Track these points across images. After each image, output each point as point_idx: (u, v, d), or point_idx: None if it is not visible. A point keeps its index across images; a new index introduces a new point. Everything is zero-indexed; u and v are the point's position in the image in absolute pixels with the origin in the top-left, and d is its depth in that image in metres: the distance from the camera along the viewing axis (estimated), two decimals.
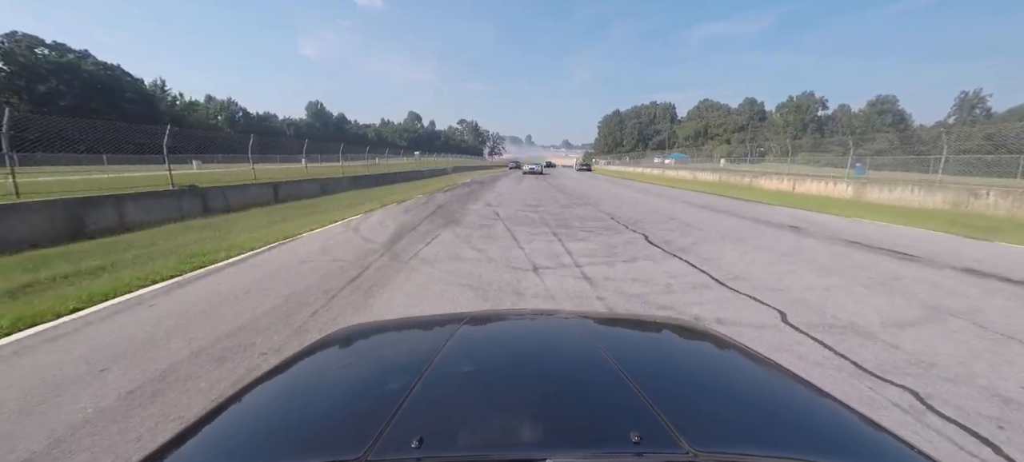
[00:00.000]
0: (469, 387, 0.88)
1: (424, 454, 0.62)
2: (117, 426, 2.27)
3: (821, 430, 0.82)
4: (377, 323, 1.56)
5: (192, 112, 76.41)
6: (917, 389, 2.68)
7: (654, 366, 1.07)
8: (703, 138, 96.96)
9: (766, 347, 3.23)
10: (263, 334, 3.49)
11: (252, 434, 0.81)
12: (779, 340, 3.44)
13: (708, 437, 0.68)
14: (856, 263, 6.04)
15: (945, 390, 2.67)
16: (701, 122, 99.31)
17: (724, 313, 4.01)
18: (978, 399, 2.56)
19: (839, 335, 3.53)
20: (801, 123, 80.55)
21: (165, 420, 2.33)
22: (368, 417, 0.75)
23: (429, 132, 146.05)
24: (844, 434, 0.81)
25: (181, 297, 4.42)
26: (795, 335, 3.54)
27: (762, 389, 1.01)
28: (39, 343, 3.31)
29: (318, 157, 48.50)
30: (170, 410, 2.42)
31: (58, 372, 2.84)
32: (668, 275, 5.35)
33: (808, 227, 9.20)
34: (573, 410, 0.78)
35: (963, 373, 2.89)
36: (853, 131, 72.35)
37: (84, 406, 2.44)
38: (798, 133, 77.92)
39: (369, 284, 4.89)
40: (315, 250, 6.62)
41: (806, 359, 3.10)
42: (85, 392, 2.59)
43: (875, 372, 2.89)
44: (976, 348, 3.30)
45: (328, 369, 1.13)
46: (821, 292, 4.69)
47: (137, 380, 2.73)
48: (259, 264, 5.76)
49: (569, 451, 0.63)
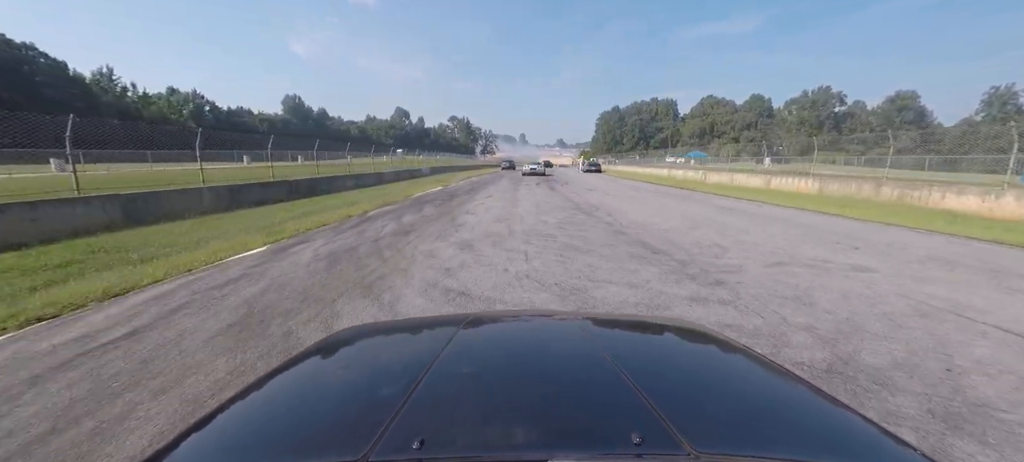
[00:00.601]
0: (470, 388, 0.87)
1: (425, 455, 0.62)
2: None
3: (822, 431, 0.81)
4: (378, 324, 1.68)
5: (147, 106, 68.73)
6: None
7: (655, 367, 1.06)
8: (709, 136, 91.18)
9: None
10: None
11: (253, 435, 0.80)
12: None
13: (709, 438, 0.67)
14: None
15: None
16: (706, 119, 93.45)
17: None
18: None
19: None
20: (817, 119, 74.77)
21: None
22: (369, 418, 0.74)
23: (418, 129, 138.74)
24: (845, 435, 0.80)
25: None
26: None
27: (763, 390, 0.99)
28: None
29: (294, 155, 41.83)
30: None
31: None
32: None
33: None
34: (574, 411, 0.78)
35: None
36: (871, 128, 66.85)
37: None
38: (813, 130, 72.30)
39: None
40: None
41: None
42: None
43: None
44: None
45: (329, 370, 1.12)
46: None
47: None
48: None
49: (570, 452, 0.62)
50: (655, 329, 1.51)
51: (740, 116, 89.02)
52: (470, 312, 2.50)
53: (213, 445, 0.77)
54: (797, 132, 73.45)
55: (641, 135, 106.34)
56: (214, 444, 0.78)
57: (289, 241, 7.30)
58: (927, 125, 67.17)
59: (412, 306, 4.08)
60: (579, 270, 5.32)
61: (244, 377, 2.74)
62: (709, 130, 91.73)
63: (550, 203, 15.36)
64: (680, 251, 6.44)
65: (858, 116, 73.72)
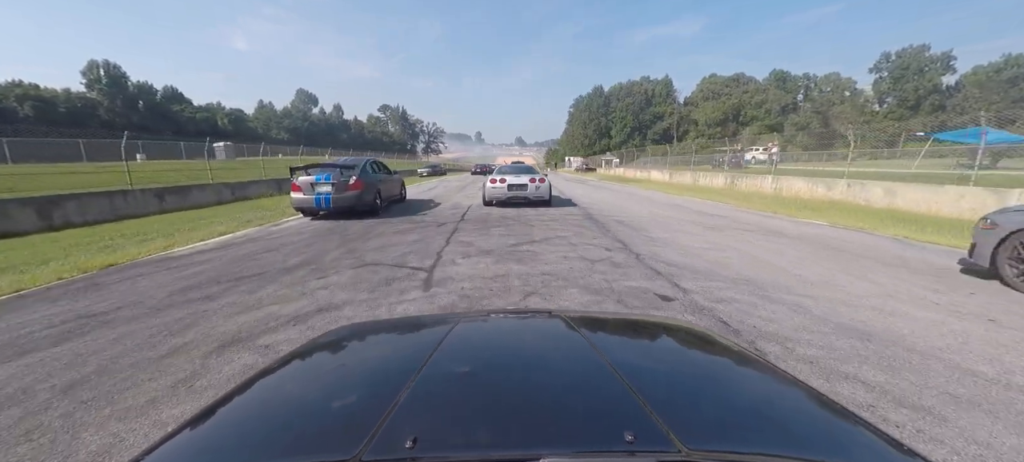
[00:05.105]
0: (463, 386, 0.86)
1: (418, 454, 0.61)
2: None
3: (814, 429, 0.81)
4: (371, 323, 1.61)
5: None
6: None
7: (648, 365, 1.04)
8: (733, 123, 68.52)
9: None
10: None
11: (245, 433, 0.79)
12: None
13: (701, 436, 0.67)
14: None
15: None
16: (727, 102, 70.64)
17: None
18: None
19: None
20: (914, 95, 53.45)
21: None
22: (362, 417, 0.74)
23: (332, 121, 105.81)
24: (837, 433, 0.81)
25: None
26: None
27: (755, 388, 0.97)
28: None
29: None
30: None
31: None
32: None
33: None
34: (567, 410, 0.78)
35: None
36: (988, 106, 46.14)
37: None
38: (903, 112, 50.86)
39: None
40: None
41: None
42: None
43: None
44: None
45: (322, 369, 1.10)
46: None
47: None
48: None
49: (563, 450, 0.62)
50: (648, 328, 1.48)
51: (775, 96, 66.92)
52: (463, 311, 2.69)
53: (206, 444, 0.76)
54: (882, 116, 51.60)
55: (636, 125, 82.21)
56: (207, 443, 0.77)
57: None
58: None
59: None
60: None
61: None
62: (733, 116, 69.05)
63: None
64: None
65: (968, 91, 52.54)
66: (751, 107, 68.62)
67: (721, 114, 70.22)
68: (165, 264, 5.58)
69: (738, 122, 69.39)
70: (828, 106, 58.14)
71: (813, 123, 54.78)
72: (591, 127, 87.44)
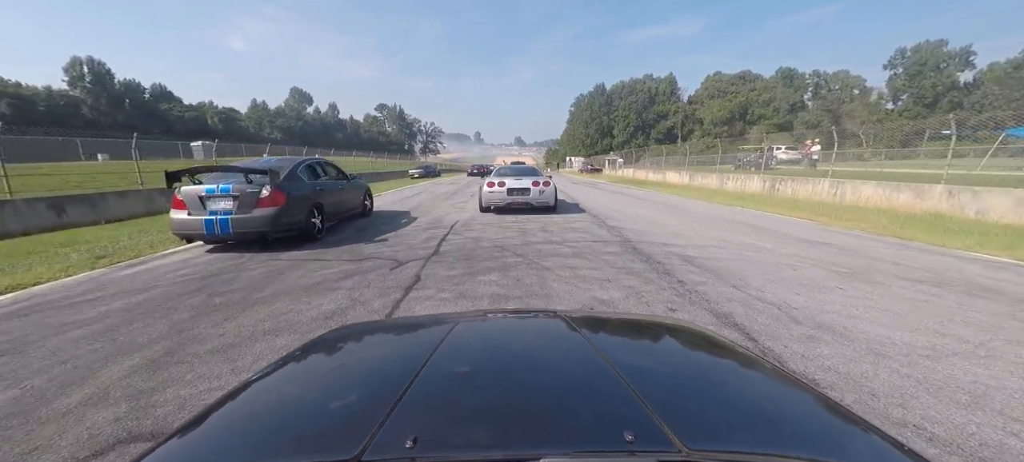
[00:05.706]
0: (463, 386, 0.86)
1: (418, 454, 0.61)
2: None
3: (814, 429, 0.81)
4: (371, 323, 1.61)
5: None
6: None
7: (648, 365, 1.03)
8: (740, 122, 66.20)
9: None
10: None
11: (245, 434, 0.78)
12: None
13: (702, 436, 0.66)
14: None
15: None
16: (733, 100, 68.26)
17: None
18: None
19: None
20: (932, 92, 50.92)
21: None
22: (362, 417, 0.73)
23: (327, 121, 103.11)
24: (838, 433, 0.80)
25: None
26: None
27: (756, 388, 0.96)
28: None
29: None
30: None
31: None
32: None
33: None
34: (567, 410, 0.77)
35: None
36: (1008, 102, 43.78)
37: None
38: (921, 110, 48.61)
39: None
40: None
41: None
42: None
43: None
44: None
45: (322, 369, 1.07)
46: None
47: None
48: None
49: (563, 450, 0.62)
50: (648, 328, 1.45)
51: (784, 94, 64.55)
52: (464, 311, 2.59)
53: (205, 445, 0.76)
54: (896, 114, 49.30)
55: (639, 124, 79.72)
56: (206, 444, 0.76)
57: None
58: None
59: None
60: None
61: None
62: (740, 116, 66.69)
63: None
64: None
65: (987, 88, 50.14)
66: (758, 105, 66.12)
67: (727, 113, 67.73)
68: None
69: (745, 121, 66.95)
70: (838, 104, 55.61)
71: (824, 121, 52.36)
72: (593, 126, 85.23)
